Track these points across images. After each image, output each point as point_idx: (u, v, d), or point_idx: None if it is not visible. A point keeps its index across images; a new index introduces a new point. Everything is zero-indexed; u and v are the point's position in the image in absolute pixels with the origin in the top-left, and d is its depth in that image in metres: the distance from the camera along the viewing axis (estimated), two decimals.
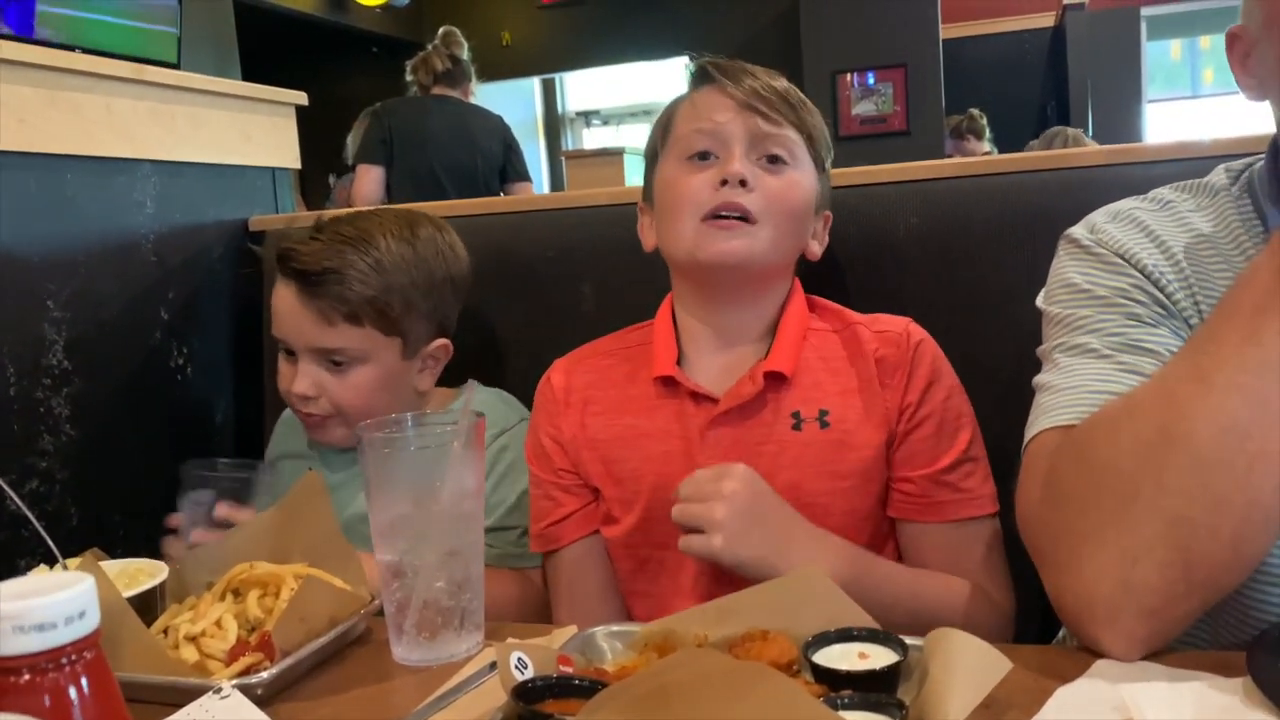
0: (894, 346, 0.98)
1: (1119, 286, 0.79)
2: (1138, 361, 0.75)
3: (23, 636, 0.37)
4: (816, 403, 0.97)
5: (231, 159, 1.51)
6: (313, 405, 1.13)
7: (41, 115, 1.22)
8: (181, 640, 0.74)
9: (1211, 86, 6.86)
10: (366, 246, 1.11)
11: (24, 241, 1.20)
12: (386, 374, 1.13)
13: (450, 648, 0.77)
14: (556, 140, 7.49)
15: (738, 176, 0.94)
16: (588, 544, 1.03)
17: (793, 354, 0.97)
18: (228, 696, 0.65)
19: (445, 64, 3.60)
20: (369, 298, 1.10)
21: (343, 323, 1.10)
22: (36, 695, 0.38)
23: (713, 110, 0.98)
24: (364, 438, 0.78)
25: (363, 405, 1.11)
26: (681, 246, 0.97)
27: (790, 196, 0.97)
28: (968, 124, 4.85)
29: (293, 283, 1.11)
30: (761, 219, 0.95)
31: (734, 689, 0.52)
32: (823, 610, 0.69)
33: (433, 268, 1.15)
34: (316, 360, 1.12)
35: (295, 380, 1.12)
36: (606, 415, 1.02)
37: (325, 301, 1.09)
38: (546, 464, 1.04)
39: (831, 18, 5.35)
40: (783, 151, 0.97)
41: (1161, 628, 0.66)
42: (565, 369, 1.06)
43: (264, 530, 0.89)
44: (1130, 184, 0.90)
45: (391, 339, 1.13)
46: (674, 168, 0.99)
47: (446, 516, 0.77)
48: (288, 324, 1.13)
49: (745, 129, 0.96)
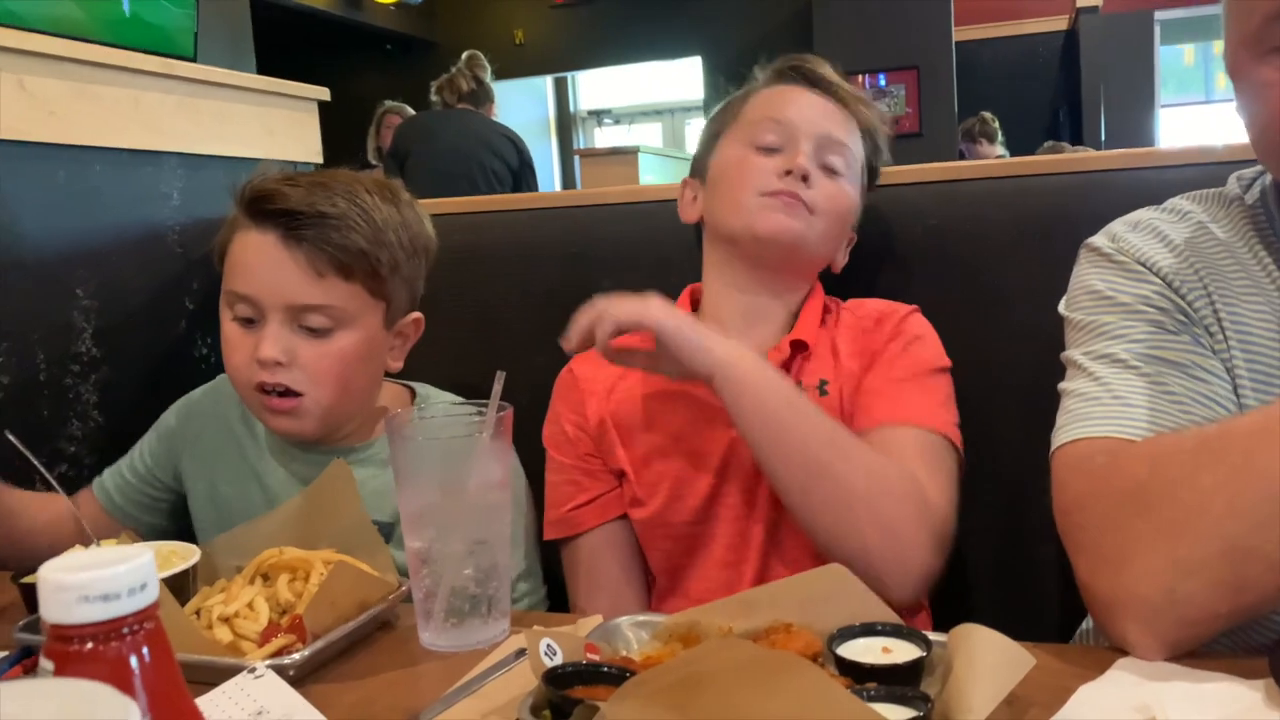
0: (873, 321, 1.03)
1: (1141, 294, 0.80)
2: (1162, 372, 0.75)
3: (88, 605, 0.38)
4: (816, 373, 1.01)
5: (255, 153, 1.52)
6: (281, 374, 0.97)
7: (70, 107, 1.24)
8: (215, 621, 0.75)
9: (1225, 91, 6.83)
10: (353, 196, 0.99)
11: (53, 231, 1.22)
12: (368, 343, 1.01)
13: (477, 634, 0.78)
14: (569, 139, 7.51)
15: (803, 170, 0.98)
16: (609, 530, 1.04)
17: (813, 331, 1.02)
18: (262, 676, 0.67)
19: (470, 84, 3.86)
20: (363, 249, 0.97)
21: (332, 275, 0.97)
22: (99, 663, 0.39)
23: (791, 105, 1.03)
24: (394, 427, 0.79)
25: (338, 381, 0.99)
26: (739, 218, 1.00)
27: (841, 203, 1.03)
28: (980, 127, 4.86)
29: (271, 229, 0.96)
30: (817, 210, 0.99)
31: (766, 680, 0.53)
32: (847, 606, 0.70)
33: (414, 232, 1.05)
34: (289, 322, 0.97)
35: (263, 345, 0.96)
36: (633, 400, 1.04)
37: (314, 248, 0.96)
38: (570, 449, 1.05)
39: (844, 19, 5.36)
40: (840, 162, 1.02)
41: (1193, 635, 0.66)
42: (589, 359, 1.07)
43: (291, 517, 0.90)
44: (1145, 188, 0.91)
45: (378, 302, 1.01)
46: (739, 149, 1.03)
47: (473, 507, 0.78)
48: (261, 277, 0.97)
49: (817, 132, 1.01)
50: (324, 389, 0.99)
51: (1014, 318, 1.11)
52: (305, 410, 1.00)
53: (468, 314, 1.33)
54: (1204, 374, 0.75)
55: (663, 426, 1.02)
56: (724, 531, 1.00)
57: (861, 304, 1.07)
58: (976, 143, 4.82)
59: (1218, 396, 0.74)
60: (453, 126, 3.78)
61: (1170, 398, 0.73)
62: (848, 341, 1.03)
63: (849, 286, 1.13)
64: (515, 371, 1.25)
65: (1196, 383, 0.75)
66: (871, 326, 1.03)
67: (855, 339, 1.03)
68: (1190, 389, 0.74)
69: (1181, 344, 0.77)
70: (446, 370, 1.23)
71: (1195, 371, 0.75)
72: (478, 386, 0.81)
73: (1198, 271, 0.80)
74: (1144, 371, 0.76)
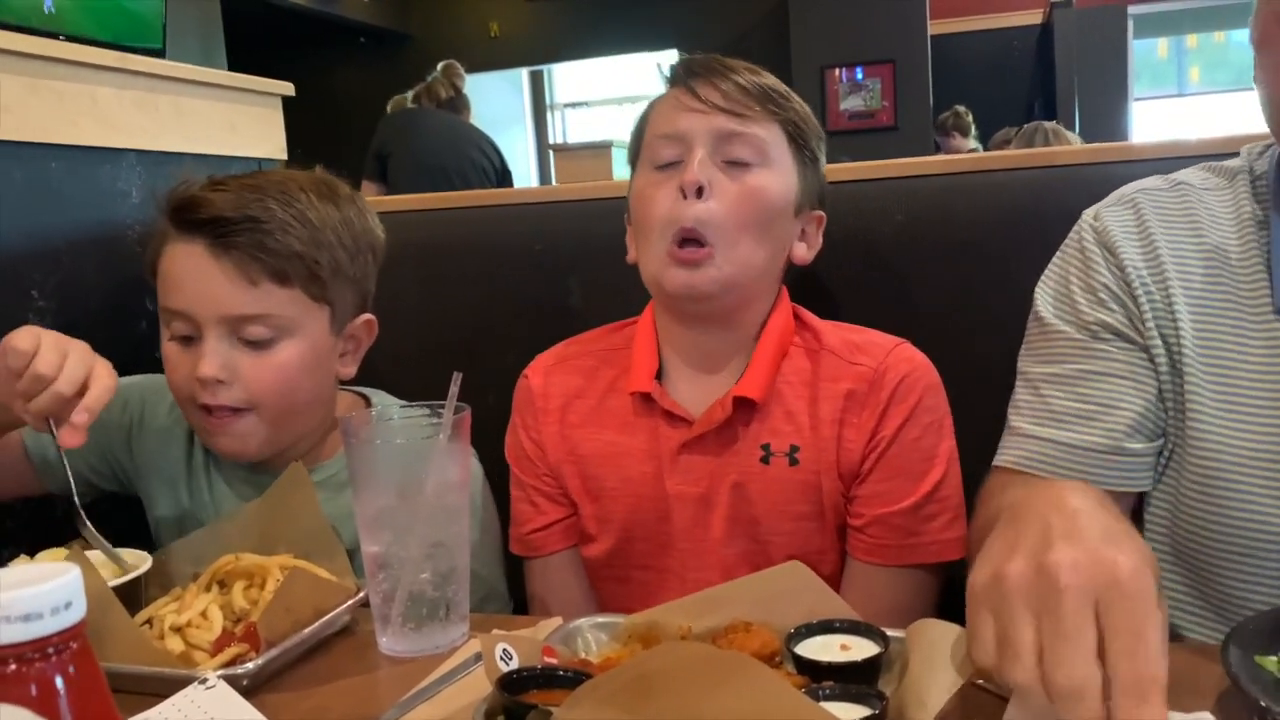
0: (865, 383, 0.92)
1: (1092, 295, 0.83)
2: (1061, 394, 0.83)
3: (8, 626, 0.37)
4: (788, 436, 0.93)
5: (217, 149, 1.50)
6: (222, 394, 0.93)
7: (25, 104, 1.21)
8: (167, 631, 0.74)
9: (1197, 85, 6.92)
10: (286, 197, 0.95)
11: (8, 231, 1.19)
12: (314, 352, 0.97)
13: (436, 639, 0.77)
14: (544, 131, 7.48)
15: (693, 185, 0.89)
16: (569, 555, 1.02)
17: (765, 379, 0.93)
18: (213, 687, 0.66)
19: (448, 92, 3.91)
20: (297, 251, 0.93)
21: (267, 281, 0.92)
22: (23, 685, 0.38)
23: (681, 115, 0.94)
24: (349, 429, 0.78)
25: (285, 395, 0.95)
26: (650, 268, 0.94)
27: (753, 204, 0.91)
28: (953, 120, 4.88)
29: (199, 238, 0.92)
30: (721, 242, 0.90)
31: (715, 678, 0.53)
32: (804, 602, 0.70)
33: (357, 230, 1.00)
34: (227, 336, 0.93)
35: (201, 363, 0.92)
36: (586, 428, 1.00)
37: (246, 255, 0.91)
38: (529, 467, 1.02)
39: (820, 13, 5.37)
40: (748, 153, 0.92)
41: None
42: (544, 370, 1.03)
43: (249, 522, 0.89)
44: (1116, 183, 0.91)
45: (321, 307, 0.97)
46: (644, 178, 0.96)
47: (431, 509, 0.77)
48: (192, 290, 0.92)
49: (709, 129, 0.92)
50: (269, 405, 0.95)
51: (986, 312, 1.11)
52: (249, 430, 0.96)
53: (434, 312, 1.32)
54: (1117, 380, 0.81)
55: (616, 465, 0.97)
56: (674, 584, 0.95)
57: (848, 342, 0.96)
58: (949, 136, 4.85)
59: (1122, 402, 0.80)
60: (439, 124, 3.81)
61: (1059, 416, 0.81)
62: (832, 399, 0.93)
63: (817, 285, 1.13)
64: (482, 372, 1.24)
65: (1106, 391, 0.81)
66: (866, 389, 0.92)
67: (842, 398, 0.92)
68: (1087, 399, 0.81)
69: (1103, 352, 0.81)
70: (412, 371, 1.22)
71: (1103, 382, 0.81)
72: (445, 387, 0.80)
73: (1161, 270, 0.81)
74: (1042, 393, 0.83)
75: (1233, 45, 6.78)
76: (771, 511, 0.93)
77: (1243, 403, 0.77)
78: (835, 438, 0.93)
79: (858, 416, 0.92)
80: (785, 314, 0.98)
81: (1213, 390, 0.78)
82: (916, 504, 0.92)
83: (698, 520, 0.95)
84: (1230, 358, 0.78)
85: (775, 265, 0.97)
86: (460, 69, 3.98)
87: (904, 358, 0.94)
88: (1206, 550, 0.78)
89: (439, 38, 6.54)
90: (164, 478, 1.07)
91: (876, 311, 1.08)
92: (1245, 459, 0.76)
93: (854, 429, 0.92)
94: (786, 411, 0.94)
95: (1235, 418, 0.76)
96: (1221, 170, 0.85)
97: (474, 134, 3.90)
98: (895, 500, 0.92)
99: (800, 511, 0.93)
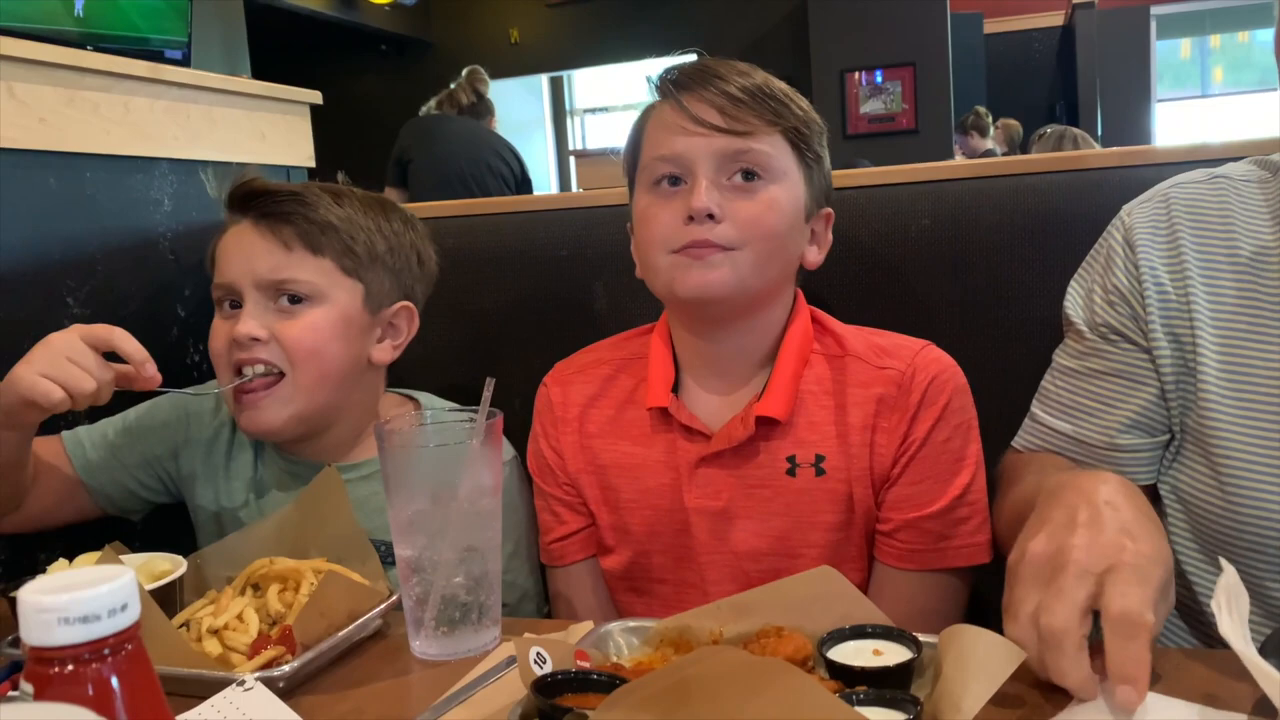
0: (894, 386, 0.91)
1: (1105, 297, 0.86)
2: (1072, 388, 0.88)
3: (68, 628, 0.38)
4: (813, 446, 0.91)
5: (246, 157, 1.51)
6: (260, 350, 0.98)
7: (61, 114, 1.23)
8: (204, 633, 0.75)
9: (1221, 86, 6.85)
10: (336, 194, 1.04)
11: (45, 239, 1.21)
12: (344, 320, 1.01)
13: (468, 642, 0.78)
14: (564, 137, 7.51)
15: (703, 212, 0.86)
16: (591, 564, 1.02)
17: (788, 395, 0.91)
18: (251, 689, 0.66)
19: (470, 98, 3.91)
20: (331, 223, 1.00)
21: (301, 248, 0.99)
22: (80, 685, 0.39)
23: (674, 134, 0.89)
24: (382, 434, 0.79)
25: (314, 355, 0.99)
26: (659, 280, 0.91)
27: (767, 219, 0.88)
28: (972, 120, 4.88)
29: (248, 215, 1.02)
30: (740, 244, 0.88)
31: (752, 684, 0.53)
32: (837, 607, 0.70)
33: (400, 234, 1.06)
34: (266, 300, 0.99)
35: (240, 322, 0.98)
36: (604, 438, 0.99)
37: (284, 225, 0.99)
38: (550, 477, 1.01)
39: (840, 16, 5.35)
40: (756, 166, 0.89)
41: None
42: (563, 380, 1.03)
43: (282, 526, 0.90)
44: (1142, 186, 0.91)
45: (354, 282, 1.02)
46: (644, 196, 0.92)
47: (464, 514, 0.78)
48: (236, 260, 1.00)
49: (710, 153, 0.88)
50: (302, 369, 0.99)
51: (1008, 317, 1.11)
52: (282, 399, 0.99)
53: (461, 318, 1.33)
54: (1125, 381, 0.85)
55: (634, 477, 0.97)
56: (694, 597, 0.93)
57: (874, 346, 0.94)
58: (968, 135, 4.84)
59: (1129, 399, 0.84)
60: (458, 130, 3.83)
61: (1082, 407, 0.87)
62: (861, 405, 0.91)
63: (840, 289, 1.13)
64: (510, 376, 1.25)
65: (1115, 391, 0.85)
66: (896, 393, 0.91)
67: (874, 404, 0.91)
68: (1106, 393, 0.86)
69: (1106, 352, 0.85)
70: (440, 376, 1.23)
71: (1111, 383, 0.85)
72: (474, 391, 0.80)
73: (1184, 275, 0.81)
74: (1057, 389, 0.89)
75: (1257, 45, 6.72)
76: (800, 523, 0.93)
77: (1258, 399, 0.77)
78: (868, 444, 0.92)
79: (888, 421, 0.91)
80: (804, 321, 0.96)
81: (1228, 387, 0.78)
82: (946, 507, 0.91)
83: (718, 534, 0.95)
84: (1248, 354, 0.78)
85: (789, 270, 0.95)
86: (484, 74, 3.98)
87: (932, 359, 0.93)
88: (1224, 543, 0.79)
89: (459, 44, 6.59)
90: (209, 479, 1.10)
91: (901, 316, 1.08)
92: (1259, 455, 0.76)
93: (885, 434, 0.91)
94: (810, 421, 0.92)
95: (1249, 413, 0.77)
96: (1266, 164, 0.86)
97: (493, 140, 3.91)
98: (924, 504, 0.91)
99: (829, 521, 0.92)
